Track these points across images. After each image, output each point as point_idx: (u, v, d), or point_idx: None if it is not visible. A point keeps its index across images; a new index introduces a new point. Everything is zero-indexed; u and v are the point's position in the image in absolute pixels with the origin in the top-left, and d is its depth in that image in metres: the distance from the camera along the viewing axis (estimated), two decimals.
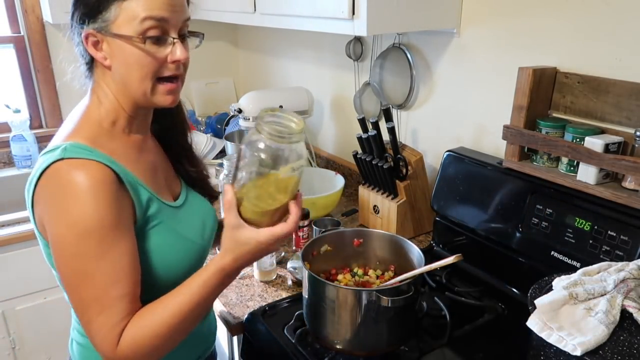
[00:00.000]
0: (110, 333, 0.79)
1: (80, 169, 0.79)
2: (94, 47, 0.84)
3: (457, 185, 1.37)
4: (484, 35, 1.40)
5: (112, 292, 0.79)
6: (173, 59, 0.84)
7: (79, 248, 0.79)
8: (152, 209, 0.89)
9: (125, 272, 0.81)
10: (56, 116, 2.31)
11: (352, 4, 1.26)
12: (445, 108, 1.57)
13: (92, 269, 0.79)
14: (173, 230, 0.92)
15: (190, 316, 0.84)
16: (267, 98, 1.94)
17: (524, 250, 1.21)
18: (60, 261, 0.81)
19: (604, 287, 0.78)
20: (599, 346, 0.71)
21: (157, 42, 0.83)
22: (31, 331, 1.85)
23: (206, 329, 1.10)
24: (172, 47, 0.84)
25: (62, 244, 0.80)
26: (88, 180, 0.78)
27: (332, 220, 1.53)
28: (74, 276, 0.80)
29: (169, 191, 0.98)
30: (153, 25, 0.81)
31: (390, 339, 1.02)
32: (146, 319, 0.81)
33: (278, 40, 2.34)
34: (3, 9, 2.18)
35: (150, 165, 0.94)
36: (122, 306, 0.80)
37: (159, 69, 0.84)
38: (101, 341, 0.80)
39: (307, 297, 1.05)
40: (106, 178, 0.80)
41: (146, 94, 0.86)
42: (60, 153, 0.79)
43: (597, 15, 1.14)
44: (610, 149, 1.07)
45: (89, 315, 0.80)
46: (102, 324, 0.79)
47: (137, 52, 0.82)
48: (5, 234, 1.72)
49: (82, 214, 0.78)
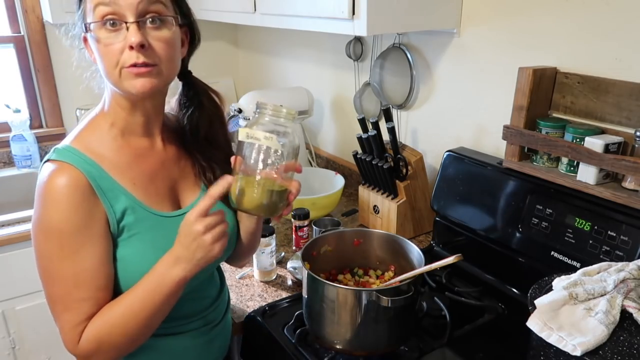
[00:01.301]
0: (72, 331, 0.83)
1: (55, 172, 0.82)
2: (88, 48, 0.86)
3: (457, 185, 1.37)
4: (484, 35, 1.40)
5: (74, 293, 0.82)
6: (128, 44, 0.79)
7: (44, 247, 0.83)
8: (129, 218, 0.87)
9: (88, 276, 0.83)
10: (56, 116, 2.31)
11: (352, 4, 1.26)
12: (445, 108, 1.57)
13: (54, 269, 0.82)
14: (150, 242, 0.89)
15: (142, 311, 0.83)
16: (267, 98, 1.94)
17: (524, 250, 1.21)
18: (35, 257, 0.85)
19: (604, 287, 0.78)
20: (599, 346, 0.71)
21: (112, 28, 0.80)
22: (31, 331, 1.85)
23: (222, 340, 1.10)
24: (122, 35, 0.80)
25: (33, 242, 0.84)
26: (58, 184, 0.81)
27: (332, 220, 1.53)
28: (42, 273, 0.84)
29: (170, 200, 0.94)
30: (106, 11, 0.79)
31: (390, 339, 1.02)
32: (103, 314, 0.84)
33: (278, 40, 2.34)
34: (3, 9, 2.18)
35: (146, 172, 0.91)
36: (84, 308, 0.83)
37: (120, 58, 0.80)
38: (64, 336, 0.84)
39: (307, 297, 1.05)
40: (77, 184, 0.82)
41: (117, 84, 0.83)
42: (51, 154, 0.85)
43: (597, 15, 1.14)
44: (610, 149, 1.07)
45: (56, 311, 0.84)
46: (66, 322, 0.83)
47: (98, 44, 0.81)
48: (5, 234, 1.72)
49: (47, 215, 0.81)
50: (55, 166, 0.83)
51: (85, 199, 0.82)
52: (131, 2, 0.79)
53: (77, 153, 0.85)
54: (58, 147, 0.87)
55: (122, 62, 0.81)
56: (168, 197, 0.94)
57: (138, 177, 0.90)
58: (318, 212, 1.63)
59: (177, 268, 0.82)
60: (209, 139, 0.99)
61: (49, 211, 0.81)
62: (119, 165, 0.88)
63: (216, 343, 1.07)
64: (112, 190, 0.86)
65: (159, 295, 0.83)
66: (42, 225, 0.82)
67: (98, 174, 0.85)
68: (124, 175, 0.88)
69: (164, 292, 0.83)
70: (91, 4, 0.80)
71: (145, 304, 0.83)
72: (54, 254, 0.82)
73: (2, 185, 2.12)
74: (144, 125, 0.92)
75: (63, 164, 0.83)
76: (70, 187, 0.81)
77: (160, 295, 0.83)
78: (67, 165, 0.83)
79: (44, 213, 0.82)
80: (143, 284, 0.84)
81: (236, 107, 1.89)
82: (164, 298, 0.83)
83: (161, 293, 0.83)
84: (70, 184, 0.81)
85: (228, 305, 1.13)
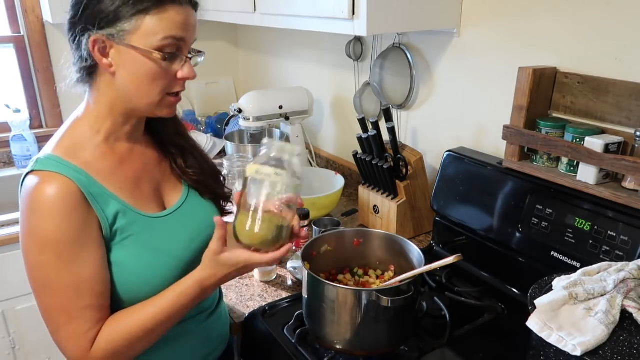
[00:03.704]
0: (82, 339, 0.83)
1: (43, 183, 0.81)
2: (100, 53, 0.83)
3: (457, 185, 1.37)
4: (484, 35, 1.40)
5: (77, 302, 0.82)
6: (183, 76, 0.87)
7: (39, 258, 0.81)
8: (121, 222, 0.88)
9: (88, 284, 0.83)
10: (56, 116, 2.31)
11: (352, 4, 1.26)
12: (445, 108, 1.57)
13: (52, 280, 0.81)
14: (145, 243, 0.91)
15: (164, 324, 0.88)
16: (267, 98, 1.94)
17: (524, 250, 1.21)
18: (26, 269, 0.83)
19: (604, 287, 0.78)
20: (599, 346, 0.71)
21: (170, 58, 0.84)
22: (31, 331, 1.85)
23: (220, 328, 1.12)
24: (183, 65, 0.86)
25: (25, 253, 0.83)
26: (49, 195, 0.80)
27: (332, 220, 1.53)
28: (37, 285, 0.83)
29: (156, 202, 0.97)
30: (172, 43, 0.83)
31: (390, 339, 1.02)
32: (122, 323, 0.85)
33: (278, 40, 2.34)
34: (3, 9, 2.18)
35: (130, 176, 0.93)
36: (88, 316, 0.83)
37: (169, 84, 0.87)
38: (72, 347, 0.83)
39: (307, 297, 1.05)
40: (68, 192, 0.81)
41: (151, 105, 0.88)
42: (33, 165, 0.84)
43: (597, 15, 1.14)
44: (610, 149, 1.07)
45: (56, 323, 0.83)
46: (73, 332, 0.83)
47: (151, 66, 0.83)
48: (5, 234, 1.72)
49: (40, 227, 0.80)
50: (41, 177, 0.82)
51: (78, 207, 0.82)
52: (192, 39, 0.87)
53: (62, 162, 0.84)
54: (40, 157, 0.85)
55: (169, 88, 0.87)
56: (154, 199, 0.96)
57: (124, 182, 0.91)
58: (318, 212, 1.63)
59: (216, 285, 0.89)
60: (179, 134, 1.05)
61: (42, 223, 0.80)
62: (104, 171, 0.89)
63: (214, 332, 1.09)
64: (102, 195, 0.86)
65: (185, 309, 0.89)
66: (36, 238, 0.81)
67: (87, 180, 0.85)
68: (111, 181, 0.89)
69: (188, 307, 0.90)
70: (161, 34, 0.82)
71: (174, 313, 0.88)
72: (51, 265, 0.81)
73: (2, 185, 2.12)
74: (131, 133, 0.94)
75: (50, 174, 0.82)
76: (61, 196, 0.80)
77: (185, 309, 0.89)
78: (55, 174, 0.82)
79: (36, 225, 0.80)
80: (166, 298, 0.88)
81: (236, 107, 1.89)
82: (186, 310, 0.90)
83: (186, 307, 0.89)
84: (61, 193, 0.81)
85: (220, 292, 1.15)
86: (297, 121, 2.01)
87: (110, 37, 0.82)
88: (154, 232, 0.92)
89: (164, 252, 0.93)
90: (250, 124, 1.91)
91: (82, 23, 0.82)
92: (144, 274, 0.89)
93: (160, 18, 0.81)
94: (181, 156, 1.03)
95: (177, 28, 0.82)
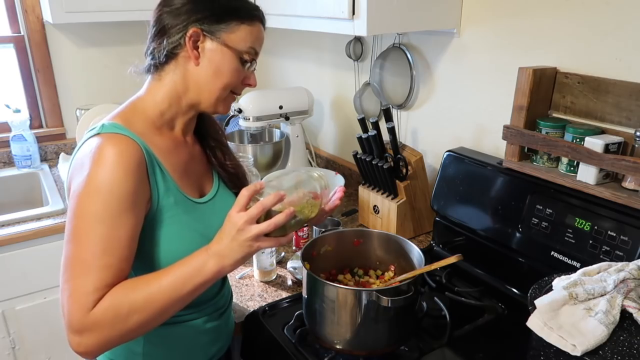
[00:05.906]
0: (85, 297, 0.79)
1: (110, 140, 0.84)
2: (192, 44, 0.90)
3: (457, 185, 1.37)
4: (484, 35, 1.40)
5: (101, 258, 0.81)
6: (249, 83, 0.99)
7: (85, 205, 0.82)
8: (170, 199, 0.91)
9: (118, 244, 0.82)
10: (56, 116, 2.31)
11: (352, 4, 1.26)
12: (445, 108, 1.57)
13: (87, 230, 0.81)
14: (186, 225, 0.94)
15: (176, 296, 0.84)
16: (267, 98, 1.94)
17: (524, 250, 1.21)
18: (68, 218, 0.83)
19: (604, 287, 0.78)
20: (599, 346, 0.71)
21: (248, 64, 0.96)
22: (31, 331, 1.85)
23: (230, 326, 1.13)
24: (250, 73, 0.98)
25: (72, 200, 0.83)
26: (115, 150, 0.83)
27: (332, 220, 1.53)
28: (70, 234, 0.82)
29: (197, 189, 1.01)
30: (252, 52, 0.96)
31: (390, 339, 1.02)
32: (128, 290, 0.82)
33: (278, 40, 2.34)
34: (3, 9, 2.18)
35: (181, 162, 0.98)
36: (103, 275, 0.80)
37: (235, 85, 0.97)
38: (74, 303, 0.79)
39: (307, 297, 1.05)
40: (133, 152, 0.85)
41: (217, 100, 0.95)
42: (98, 129, 0.87)
43: (597, 15, 1.14)
44: (610, 149, 1.07)
45: (70, 273, 0.81)
46: (80, 286, 0.80)
47: (235, 66, 0.93)
48: (5, 234, 1.71)
49: (99, 176, 0.82)
50: (107, 137, 0.85)
51: (138, 167, 0.85)
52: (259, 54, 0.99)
53: (125, 130, 0.88)
54: (104, 122, 0.89)
55: (234, 88, 0.97)
56: (195, 187, 1.01)
57: (176, 164, 0.96)
58: None
59: (213, 262, 0.84)
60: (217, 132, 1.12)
61: (103, 172, 0.82)
62: (162, 149, 0.93)
63: (225, 330, 1.10)
64: (158, 168, 0.91)
65: (190, 285, 0.84)
66: (91, 186, 0.81)
67: (147, 150, 0.88)
68: (166, 160, 0.93)
69: (196, 282, 0.84)
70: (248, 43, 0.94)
71: (175, 290, 0.83)
72: (93, 215, 0.81)
73: (2, 185, 2.12)
74: (187, 124, 1.00)
75: (116, 135, 0.85)
76: (127, 153, 0.84)
77: (191, 285, 0.84)
78: (121, 136, 0.86)
79: (95, 174, 0.82)
80: (177, 270, 0.84)
81: (236, 107, 1.89)
82: (194, 288, 0.85)
83: (193, 283, 0.84)
84: (127, 151, 0.84)
85: (231, 293, 1.17)
86: (297, 121, 2.01)
87: (209, 33, 0.90)
88: (196, 215, 0.97)
89: (203, 235, 0.94)
90: (251, 124, 1.91)
91: (188, 14, 0.90)
92: (177, 252, 0.90)
93: (251, 30, 0.93)
94: (220, 150, 1.09)
95: (258, 42, 0.96)
